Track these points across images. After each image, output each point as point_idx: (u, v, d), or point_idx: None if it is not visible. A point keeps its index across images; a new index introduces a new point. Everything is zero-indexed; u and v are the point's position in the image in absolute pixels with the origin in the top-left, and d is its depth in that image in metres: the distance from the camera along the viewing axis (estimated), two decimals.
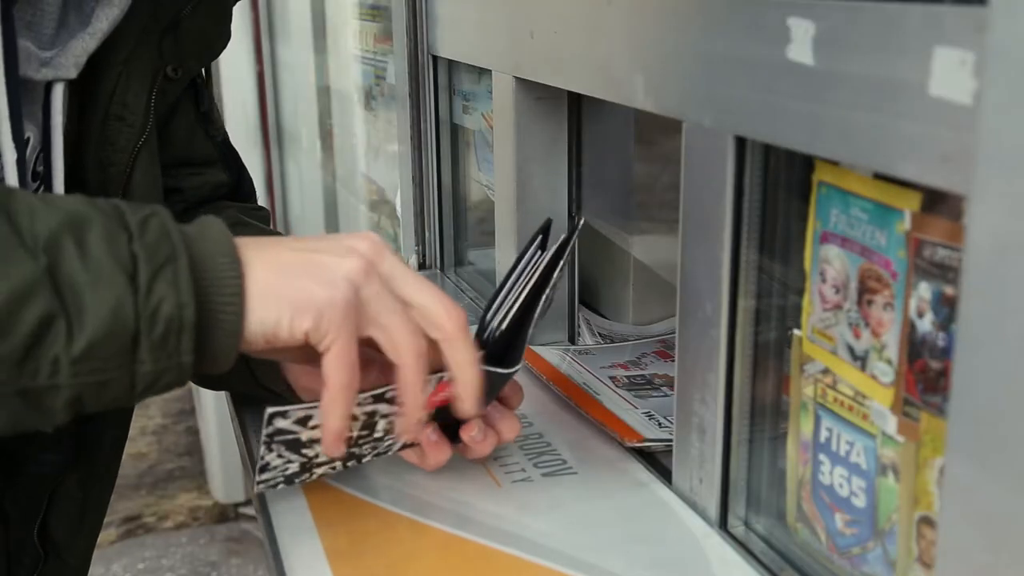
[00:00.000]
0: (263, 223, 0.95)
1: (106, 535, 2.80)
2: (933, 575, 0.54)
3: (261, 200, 1.02)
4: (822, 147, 0.57)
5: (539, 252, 0.78)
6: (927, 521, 0.56)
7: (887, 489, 0.59)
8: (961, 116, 0.46)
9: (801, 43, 0.56)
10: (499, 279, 1.11)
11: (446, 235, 1.32)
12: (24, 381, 0.53)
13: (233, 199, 0.96)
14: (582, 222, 0.81)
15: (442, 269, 1.33)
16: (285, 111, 2.69)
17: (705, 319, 0.70)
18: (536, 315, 0.75)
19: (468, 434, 0.74)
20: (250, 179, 0.99)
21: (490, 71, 1.07)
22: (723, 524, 0.72)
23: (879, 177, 0.57)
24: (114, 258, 0.55)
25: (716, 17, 0.65)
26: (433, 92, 1.28)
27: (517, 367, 0.73)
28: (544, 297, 0.75)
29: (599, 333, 1.10)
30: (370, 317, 0.63)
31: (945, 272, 0.52)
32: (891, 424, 0.57)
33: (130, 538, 2.80)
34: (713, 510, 0.72)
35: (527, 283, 0.75)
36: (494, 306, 0.76)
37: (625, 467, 0.81)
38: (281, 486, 0.70)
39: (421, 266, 1.35)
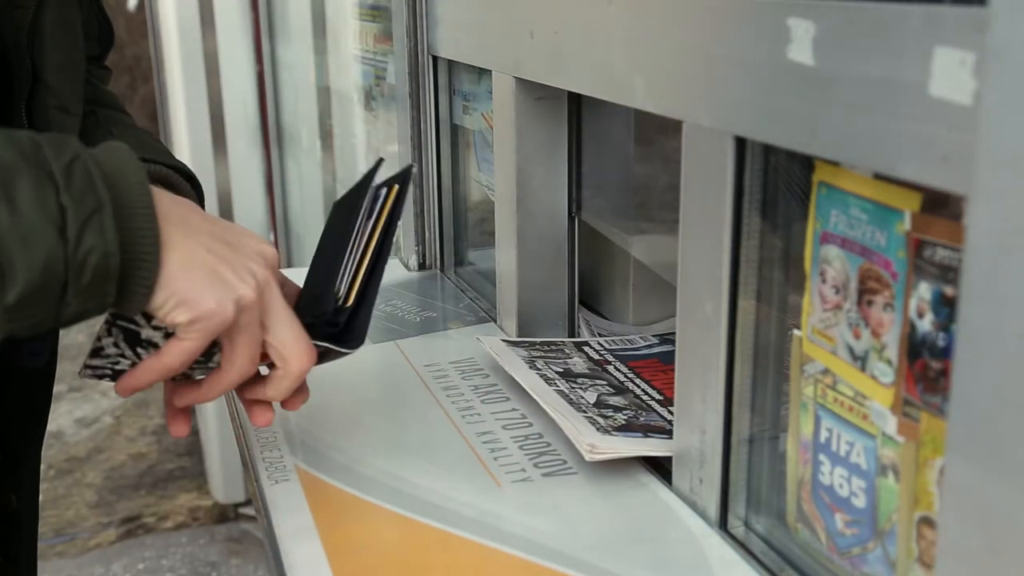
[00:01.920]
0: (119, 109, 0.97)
1: (106, 535, 2.80)
2: (933, 575, 0.54)
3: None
4: (822, 147, 0.57)
5: (371, 211, 0.79)
6: (927, 521, 0.56)
7: (887, 489, 0.59)
8: (961, 116, 0.46)
9: (801, 43, 0.56)
10: (500, 280, 1.11)
11: (446, 235, 1.32)
12: None
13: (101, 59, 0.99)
14: (414, 169, 0.83)
15: (442, 269, 1.33)
16: (285, 111, 2.69)
17: (705, 319, 0.70)
18: (378, 287, 0.77)
19: (263, 417, 0.77)
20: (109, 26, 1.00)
21: (490, 71, 1.07)
22: (723, 524, 0.72)
23: (879, 177, 0.57)
24: (43, 212, 0.57)
25: (716, 17, 0.65)
26: (433, 92, 1.28)
27: (359, 345, 0.75)
28: (382, 265, 0.77)
29: (599, 333, 1.10)
30: (232, 335, 0.69)
31: (945, 272, 0.52)
32: (891, 424, 0.57)
33: (130, 538, 2.80)
34: (713, 510, 0.72)
35: (363, 247, 0.77)
36: (340, 272, 0.76)
37: (625, 467, 0.81)
38: (107, 380, 0.72)
39: (421, 266, 1.35)
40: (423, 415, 0.91)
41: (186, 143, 2.60)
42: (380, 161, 0.82)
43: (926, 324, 0.54)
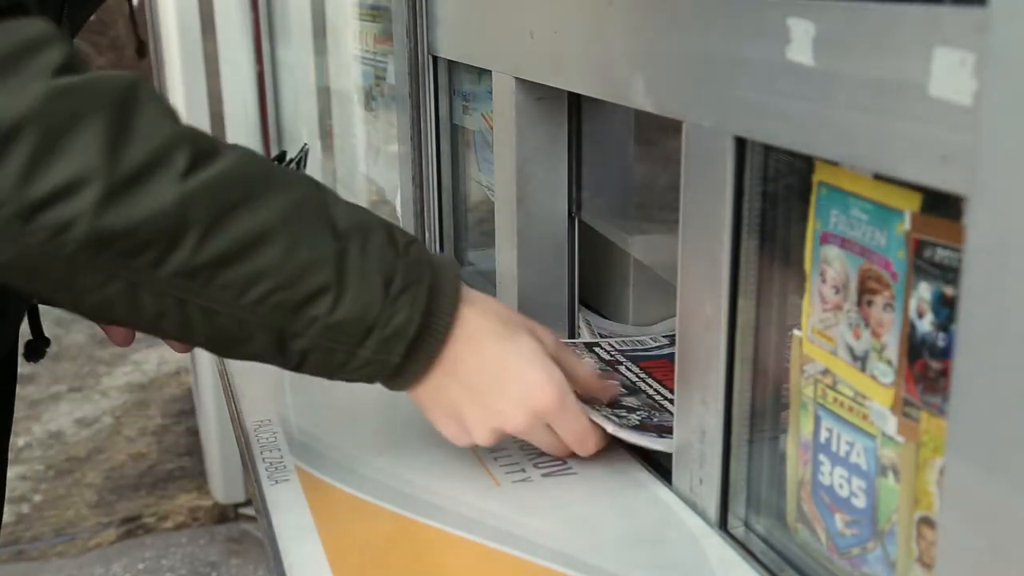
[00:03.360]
0: None
1: (106, 535, 2.80)
2: (933, 575, 0.54)
3: None
4: (822, 147, 0.57)
5: None
6: (927, 521, 0.56)
7: (887, 489, 0.59)
8: (961, 116, 0.46)
9: (801, 43, 0.56)
10: (500, 281, 1.11)
11: (446, 235, 1.32)
12: (287, 323, 0.67)
13: None
14: (307, 147, 0.95)
15: None
16: (285, 111, 2.69)
17: (705, 319, 0.70)
18: None
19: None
20: None
21: (490, 71, 1.07)
22: (723, 524, 0.72)
23: (879, 178, 0.57)
24: (382, 264, 0.69)
25: (716, 17, 0.65)
26: (433, 92, 1.27)
27: None
28: None
29: (599, 333, 1.10)
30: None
31: (945, 272, 0.52)
32: (891, 424, 0.57)
33: (130, 538, 2.80)
34: (713, 510, 0.72)
35: None
36: None
37: (625, 467, 0.81)
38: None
39: None
40: (423, 415, 0.91)
41: None
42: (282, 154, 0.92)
43: (926, 324, 0.54)
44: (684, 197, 0.72)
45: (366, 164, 1.90)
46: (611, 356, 1.00)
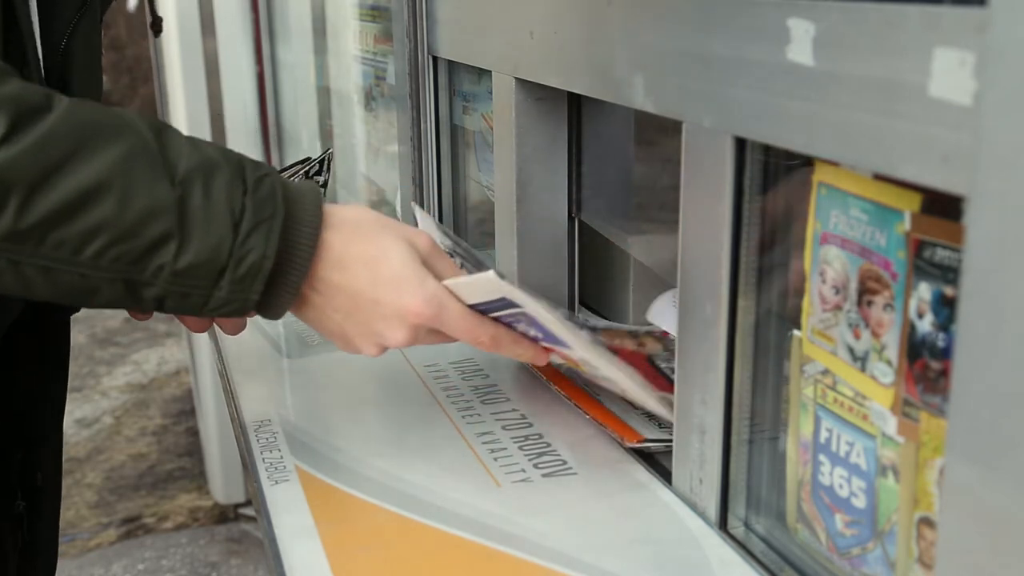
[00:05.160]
0: None
1: (106, 535, 2.80)
2: (933, 575, 0.54)
3: None
4: (822, 148, 0.57)
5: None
6: (927, 522, 0.56)
7: (887, 490, 0.59)
8: (961, 116, 0.46)
9: (801, 43, 0.56)
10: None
11: None
12: (132, 274, 0.67)
13: None
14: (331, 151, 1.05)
15: None
16: (285, 111, 2.69)
17: (705, 319, 0.70)
18: None
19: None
20: None
21: (490, 72, 1.07)
22: (723, 525, 0.72)
23: (879, 177, 0.57)
24: (228, 205, 0.68)
25: (716, 17, 0.65)
26: (433, 93, 1.27)
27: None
28: None
29: None
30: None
31: (945, 273, 0.52)
32: (891, 425, 0.57)
33: (130, 538, 2.80)
34: (713, 511, 0.72)
35: None
36: None
37: (625, 468, 0.81)
38: None
39: None
40: (423, 415, 0.91)
41: None
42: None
43: (926, 324, 0.54)
44: (684, 197, 0.72)
45: (366, 164, 1.90)
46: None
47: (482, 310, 0.76)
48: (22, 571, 0.98)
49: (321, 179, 1.03)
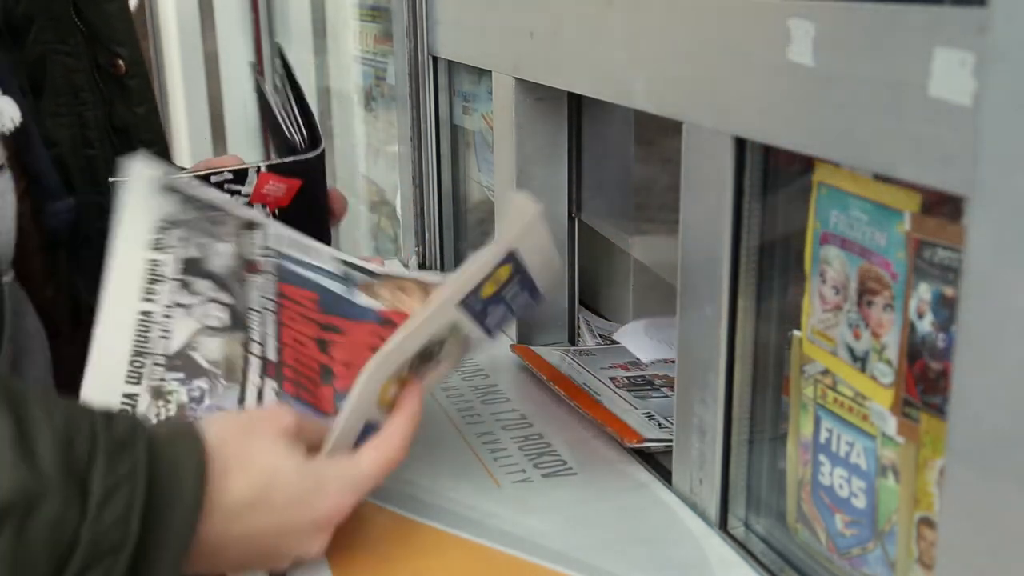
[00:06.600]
0: None
1: None
2: (933, 575, 0.54)
3: None
4: (822, 148, 0.57)
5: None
6: (927, 522, 0.56)
7: (887, 490, 0.59)
8: (961, 116, 0.46)
9: (801, 43, 0.56)
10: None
11: (446, 236, 1.32)
12: None
13: None
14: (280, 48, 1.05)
15: (442, 270, 1.33)
16: None
17: (705, 319, 0.70)
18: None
19: None
20: None
21: (490, 72, 1.07)
22: (723, 525, 0.72)
23: (879, 178, 0.57)
24: (53, 546, 0.52)
25: (716, 17, 0.65)
26: (433, 93, 1.27)
27: None
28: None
29: (599, 334, 1.10)
30: None
31: (945, 273, 0.52)
32: (891, 425, 0.57)
33: None
34: (713, 511, 0.72)
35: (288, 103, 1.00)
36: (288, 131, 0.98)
37: (625, 468, 0.81)
38: None
39: (421, 266, 1.35)
40: (423, 415, 0.91)
41: (186, 143, 2.60)
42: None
43: (926, 325, 0.54)
44: (684, 197, 0.72)
45: (366, 164, 1.91)
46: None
47: (495, 298, 0.71)
48: None
49: (242, 192, 0.90)
